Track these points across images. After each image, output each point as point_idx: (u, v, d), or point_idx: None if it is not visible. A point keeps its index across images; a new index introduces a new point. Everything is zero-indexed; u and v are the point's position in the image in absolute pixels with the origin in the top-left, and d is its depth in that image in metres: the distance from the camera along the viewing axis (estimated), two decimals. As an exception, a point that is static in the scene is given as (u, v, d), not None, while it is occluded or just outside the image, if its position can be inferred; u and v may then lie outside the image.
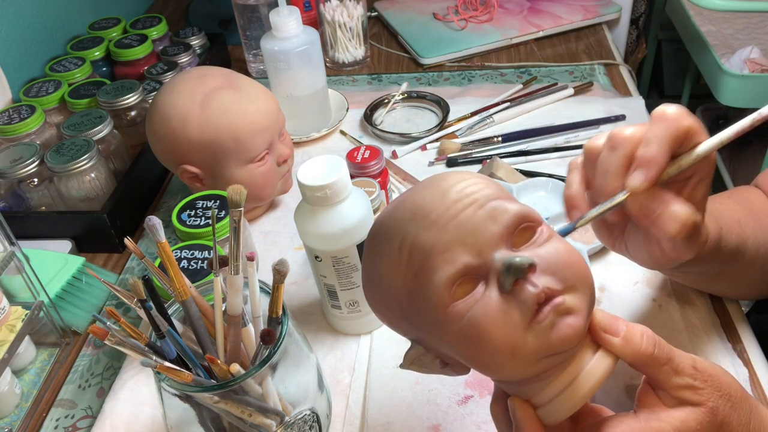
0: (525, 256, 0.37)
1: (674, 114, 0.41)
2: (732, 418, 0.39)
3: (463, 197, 0.39)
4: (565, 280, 0.37)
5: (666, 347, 0.39)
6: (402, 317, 0.42)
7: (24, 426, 0.63)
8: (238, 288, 0.48)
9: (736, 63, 1.41)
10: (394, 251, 0.40)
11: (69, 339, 0.70)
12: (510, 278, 0.36)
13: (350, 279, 0.61)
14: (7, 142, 0.86)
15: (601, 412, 0.42)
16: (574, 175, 0.46)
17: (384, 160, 0.75)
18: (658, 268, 0.49)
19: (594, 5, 1.17)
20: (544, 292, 0.36)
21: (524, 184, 0.77)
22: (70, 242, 0.80)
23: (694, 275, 0.57)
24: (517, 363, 0.37)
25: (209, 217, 0.68)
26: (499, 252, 0.38)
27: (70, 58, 1.01)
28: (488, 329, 0.37)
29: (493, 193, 0.39)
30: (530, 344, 0.36)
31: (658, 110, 0.41)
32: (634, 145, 0.41)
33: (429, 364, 0.43)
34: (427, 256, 0.38)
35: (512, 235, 0.39)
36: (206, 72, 0.75)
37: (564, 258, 0.38)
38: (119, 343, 0.44)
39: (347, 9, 1.05)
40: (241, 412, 0.47)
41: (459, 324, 0.38)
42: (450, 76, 1.07)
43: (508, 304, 0.37)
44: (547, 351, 0.37)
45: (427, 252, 0.38)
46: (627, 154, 0.42)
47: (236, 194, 0.48)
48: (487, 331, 0.37)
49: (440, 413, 0.58)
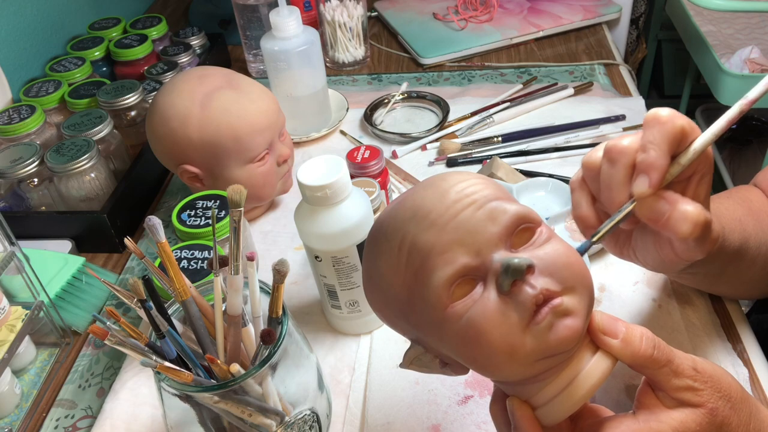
0: (523, 257, 0.37)
1: (667, 116, 0.41)
2: (732, 418, 0.39)
3: (463, 197, 0.39)
4: (563, 282, 0.37)
5: (665, 349, 0.39)
6: (401, 317, 0.42)
7: (24, 426, 0.63)
8: (238, 288, 0.48)
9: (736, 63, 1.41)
10: (393, 251, 0.40)
11: (69, 339, 0.70)
12: (508, 279, 0.36)
13: (350, 279, 0.61)
14: (7, 142, 0.86)
15: (600, 413, 0.42)
16: (578, 195, 0.46)
17: (384, 160, 0.75)
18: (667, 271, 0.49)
19: (594, 5, 1.17)
20: (542, 294, 0.36)
21: (524, 184, 0.77)
22: (70, 242, 0.80)
23: (699, 276, 0.57)
24: (515, 364, 0.37)
25: (209, 217, 0.68)
26: (497, 253, 0.38)
27: (70, 58, 1.01)
28: (486, 330, 0.37)
29: (492, 193, 0.40)
30: (528, 345, 0.37)
31: (650, 115, 0.41)
32: (633, 153, 0.41)
33: (429, 363, 0.43)
34: (426, 257, 0.38)
35: (511, 236, 0.39)
36: (206, 72, 0.75)
37: (563, 259, 0.38)
38: (119, 343, 0.44)
39: (347, 9, 1.05)
40: (241, 412, 0.47)
41: (457, 324, 0.38)
42: (450, 76, 1.07)
43: (507, 305, 0.37)
44: (545, 352, 0.37)
45: (426, 252, 0.38)
46: (628, 164, 0.41)
47: (236, 194, 0.48)
48: (485, 331, 0.37)
49: (440, 413, 0.58)
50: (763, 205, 0.59)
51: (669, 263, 0.46)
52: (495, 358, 0.37)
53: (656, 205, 0.41)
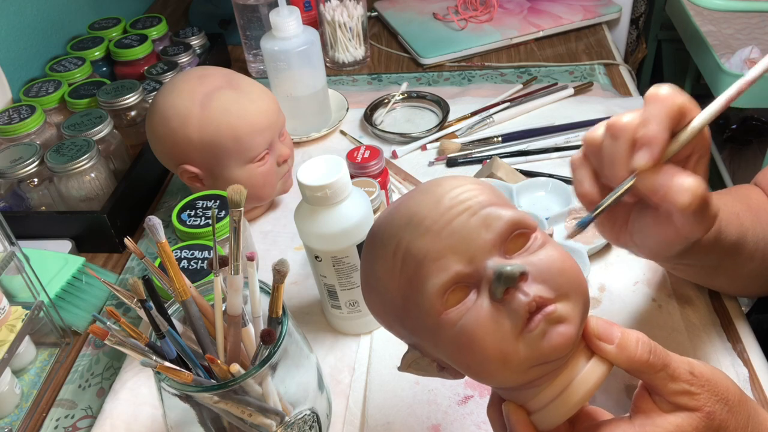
0: (516, 264, 0.36)
1: (667, 93, 0.41)
2: (729, 422, 0.39)
3: (457, 204, 0.39)
4: (557, 288, 0.37)
5: (662, 353, 0.39)
6: (398, 321, 0.42)
7: (24, 426, 0.63)
8: (238, 288, 0.48)
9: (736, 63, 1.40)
10: (389, 256, 0.40)
11: (69, 339, 0.70)
12: (501, 287, 0.36)
13: (350, 279, 0.61)
14: (7, 142, 0.86)
15: (597, 416, 0.42)
16: (580, 172, 0.46)
17: (384, 160, 0.75)
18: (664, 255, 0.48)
19: (594, 5, 1.17)
20: (535, 301, 0.36)
21: (524, 184, 0.77)
22: (70, 242, 0.80)
23: (696, 269, 0.57)
24: (508, 371, 0.37)
25: (209, 217, 0.68)
26: (491, 260, 0.38)
27: (70, 58, 1.01)
28: (479, 337, 0.37)
29: (487, 199, 0.39)
30: (521, 353, 0.36)
31: (651, 92, 0.42)
32: (634, 129, 0.42)
33: (426, 367, 0.43)
34: (420, 264, 0.38)
35: (505, 242, 0.38)
36: (206, 72, 0.75)
37: (557, 265, 0.38)
38: (119, 343, 0.44)
39: (347, 9, 1.05)
40: (241, 412, 0.47)
41: (451, 331, 0.38)
42: (450, 76, 1.07)
43: (500, 312, 0.37)
44: (538, 359, 0.37)
45: (420, 259, 0.38)
46: (629, 139, 0.42)
47: (236, 194, 0.48)
48: (478, 339, 0.37)
49: (440, 413, 0.58)
50: (762, 202, 0.59)
51: (667, 243, 0.46)
52: (488, 365, 0.37)
53: (656, 178, 0.41)
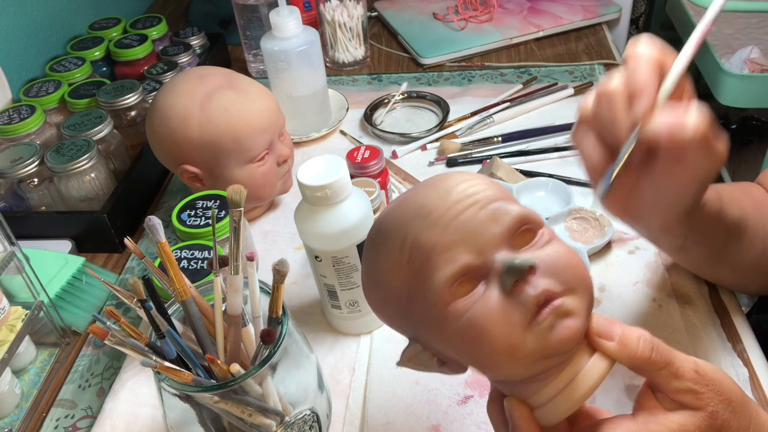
0: (525, 258, 0.37)
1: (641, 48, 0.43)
2: (732, 423, 0.39)
3: (465, 198, 0.39)
4: (564, 283, 0.38)
5: (665, 350, 0.39)
6: (401, 315, 0.42)
7: (24, 426, 0.63)
8: (238, 288, 0.48)
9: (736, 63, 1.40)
10: (394, 250, 0.40)
11: (69, 339, 0.70)
12: (510, 279, 0.36)
13: (350, 279, 0.61)
14: (7, 142, 0.86)
15: (598, 414, 0.42)
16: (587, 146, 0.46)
17: (384, 160, 0.75)
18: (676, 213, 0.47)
19: (594, 5, 1.17)
20: (543, 294, 0.37)
21: (524, 184, 0.77)
22: (70, 242, 0.80)
23: (700, 254, 0.57)
24: (515, 363, 0.37)
25: (209, 217, 0.68)
26: (499, 253, 0.38)
27: (70, 58, 1.01)
28: (487, 329, 0.37)
29: (494, 194, 0.40)
30: (529, 345, 0.37)
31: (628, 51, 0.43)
32: (625, 86, 0.43)
33: (426, 362, 0.43)
34: (427, 256, 0.38)
35: (513, 237, 0.39)
36: (206, 72, 0.75)
37: (564, 260, 0.38)
38: (119, 343, 0.44)
39: (347, 9, 1.05)
40: (241, 412, 0.47)
41: (458, 323, 0.38)
42: (450, 76, 1.07)
43: (508, 304, 0.37)
44: (545, 352, 0.37)
45: (427, 251, 0.38)
46: (623, 97, 0.43)
47: (236, 194, 0.48)
48: (486, 330, 0.37)
49: (440, 413, 0.58)
50: (763, 197, 0.60)
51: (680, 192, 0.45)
52: (496, 357, 0.37)
53: (660, 119, 0.41)
